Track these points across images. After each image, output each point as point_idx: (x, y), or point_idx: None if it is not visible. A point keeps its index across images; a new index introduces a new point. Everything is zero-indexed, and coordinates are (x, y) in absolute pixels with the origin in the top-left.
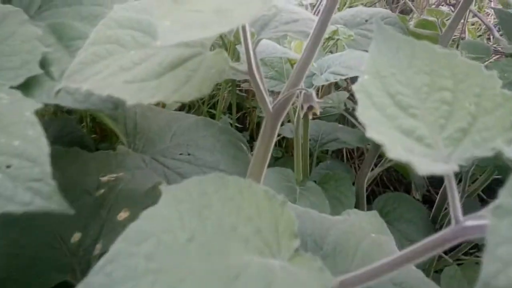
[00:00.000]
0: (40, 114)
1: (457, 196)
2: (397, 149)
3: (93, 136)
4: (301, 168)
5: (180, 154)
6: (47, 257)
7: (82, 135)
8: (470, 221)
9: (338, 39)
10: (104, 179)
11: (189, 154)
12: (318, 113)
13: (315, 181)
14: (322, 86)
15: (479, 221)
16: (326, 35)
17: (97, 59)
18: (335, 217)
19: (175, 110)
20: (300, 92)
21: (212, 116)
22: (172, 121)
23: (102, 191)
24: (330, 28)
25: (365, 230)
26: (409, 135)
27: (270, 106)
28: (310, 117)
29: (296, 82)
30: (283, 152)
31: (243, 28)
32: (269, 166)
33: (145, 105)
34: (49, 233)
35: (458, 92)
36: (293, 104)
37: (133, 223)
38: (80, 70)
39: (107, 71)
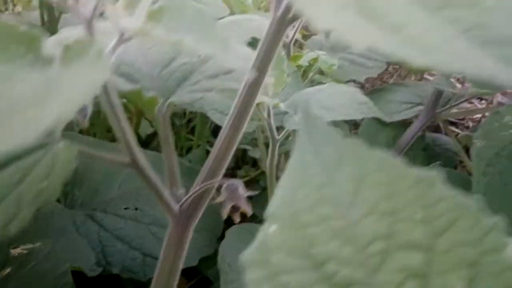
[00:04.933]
0: None
1: None
2: None
3: None
4: None
5: (125, 208)
6: None
7: None
8: None
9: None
10: (16, 251)
11: (136, 209)
12: (248, 215)
13: None
14: None
15: None
16: (305, 63)
17: None
18: None
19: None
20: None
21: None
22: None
23: (7, 270)
24: (310, 55)
25: None
26: None
27: (175, 207)
28: (238, 220)
29: (215, 170)
30: None
31: None
32: None
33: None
34: None
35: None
36: None
37: None
38: None
39: None
